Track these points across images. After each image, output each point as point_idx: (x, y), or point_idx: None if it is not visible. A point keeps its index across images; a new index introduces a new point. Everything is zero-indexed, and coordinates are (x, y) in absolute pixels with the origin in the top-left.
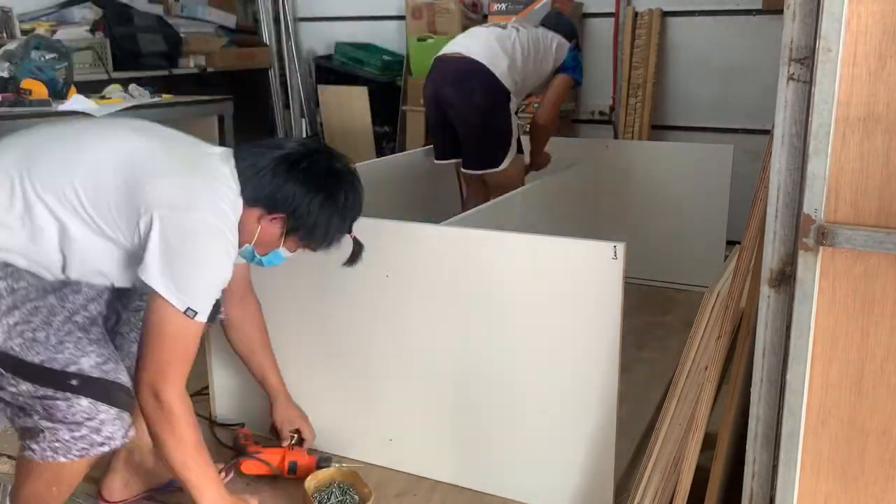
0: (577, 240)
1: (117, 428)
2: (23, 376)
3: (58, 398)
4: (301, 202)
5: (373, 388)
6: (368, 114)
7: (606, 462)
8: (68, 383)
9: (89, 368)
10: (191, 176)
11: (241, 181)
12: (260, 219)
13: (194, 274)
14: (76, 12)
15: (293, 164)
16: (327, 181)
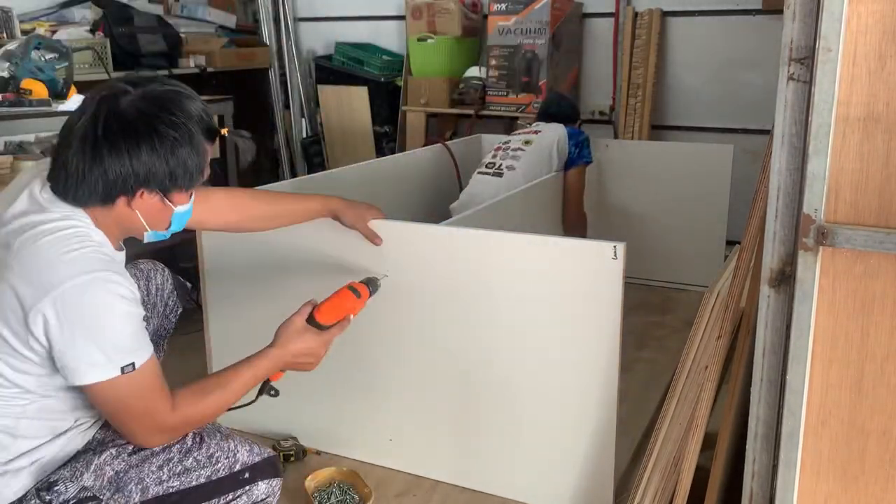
0: (577, 240)
1: (277, 498)
2: (194, 501)
3: (240, 496)
4: (138, 170)
5: (373, 388)
6: (368, 114)
7: (606, 462)
8: (241, 479)
9: (248, 456)
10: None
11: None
12: (128, 204)
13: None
14: (76, 12)
15: (94, 144)
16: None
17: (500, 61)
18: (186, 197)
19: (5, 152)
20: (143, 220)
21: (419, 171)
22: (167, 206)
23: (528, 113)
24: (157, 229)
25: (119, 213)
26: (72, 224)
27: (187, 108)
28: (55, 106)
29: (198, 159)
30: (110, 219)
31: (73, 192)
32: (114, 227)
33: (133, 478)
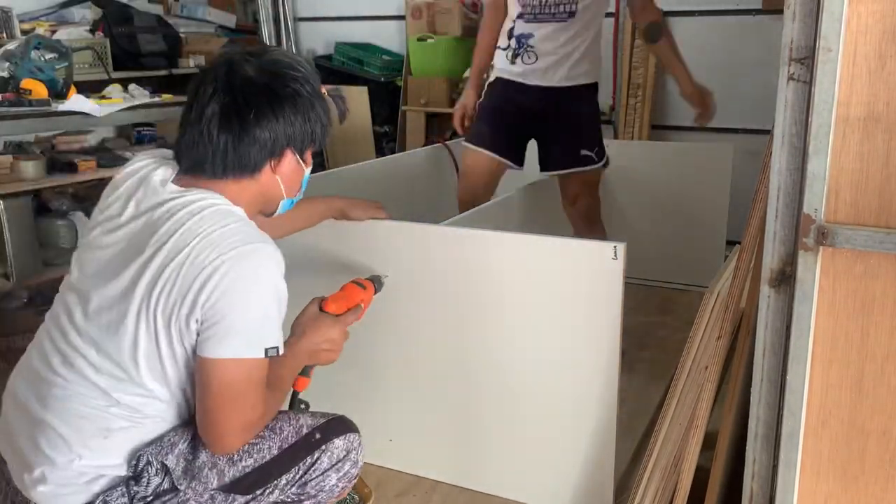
0: (577, 240)
1: (362, 455)
2: (275, 474)
3: (319, 457)
4: (285, 127)
5: (373, 388)
6: (368, 114)
7: (606, 462)
8: (314, 441)
9: (311, 420)
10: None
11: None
12: (274, 170)
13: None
14: (76, 12)
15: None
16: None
17: None
18: (310, 157)
19: (5, 152)
20: (282, 185)
21: (419, 171)
22: (301, 168)
23: None
24: (290, 195)
25: (263, 183)
26: (215, 202)
27: (305, 68)
28: (55, 106)
29: (326, 116)
30: (251, 193)
31: (223, 167)
32: (253, 202)
33: (206, 462)
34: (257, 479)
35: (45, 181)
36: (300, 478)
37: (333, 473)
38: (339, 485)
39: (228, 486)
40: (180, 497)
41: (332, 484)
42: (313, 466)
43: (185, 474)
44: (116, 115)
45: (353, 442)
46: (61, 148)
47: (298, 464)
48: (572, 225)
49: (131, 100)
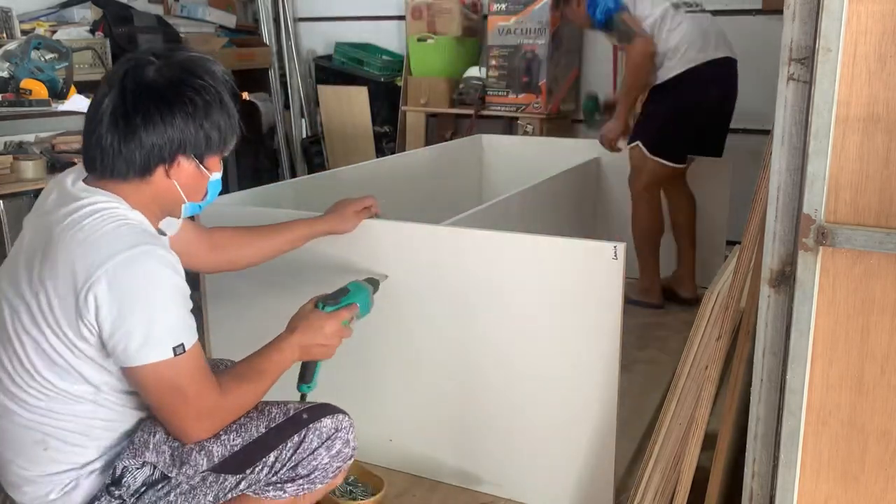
0: (577, 240)
1: (353, 435)
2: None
3: (307, 436)
4: (176, 133)
5: (373, 388)
6: (368, 114)
7: (606, 462)
8: (302, 419)
9: (299, 404)
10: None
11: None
12: (167, 174)
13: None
14: (76, 12)
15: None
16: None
17: (500, 61)
18: (219, 163)
19: (5, 152)
20: (181, 190)
21: (419, 171)
22: (203, 174)
23: (527, 113)
24: (194, 200)
25: (157, 187)
26: (110, 206)
27: (213, 71)
28: (55, 106)
29: (229, 121)
30: (148, 196)
31: (111, 168)
32: (152, 205)
33: (194, 446)
34: (246, 457)
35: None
36: (290, 457)
37: (324, 451)
38: (333, 464)
39: (218, 465)
40: (172, 483)
41: (324, 462)
42: (302, 444)
43: (174, 462)
44: None
45: (342, 421)
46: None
47: (286, 440)
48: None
49: None
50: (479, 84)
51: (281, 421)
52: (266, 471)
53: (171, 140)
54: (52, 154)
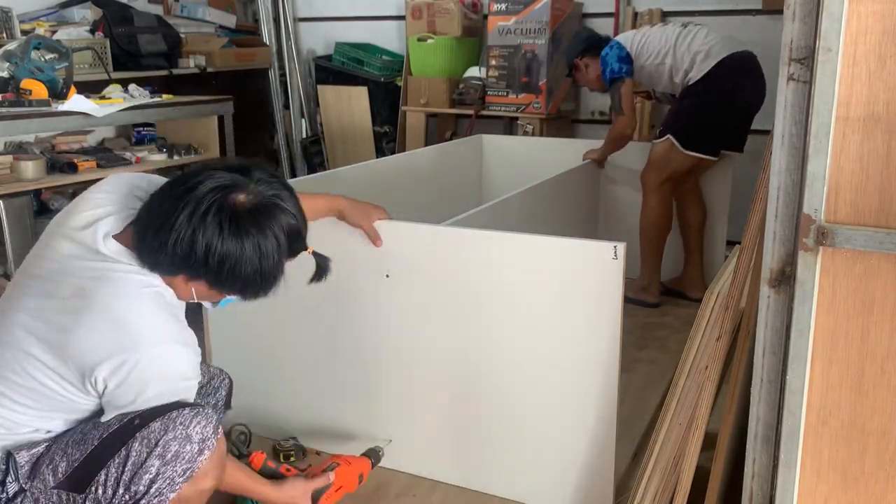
0: (577, 240)
1: (203, 424)
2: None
3: (133, 446)
4: (212, 263)
5: (373, 388)
6: (368, 114)
7: (606, 462)
8: (132, 427)
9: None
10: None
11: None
12: (186, 282)
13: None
14: (76, 12)
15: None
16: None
17: (500, 61)
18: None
19: (5, 152)
20: (194, 295)
21: (419, 171)
22: (218, 296)
23: (528, 113)
24: (204, 302)
25: (175, 283)
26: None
27: (282, 225)
28: (55, 106)
29: (268, 279)
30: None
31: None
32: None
33: (45, 459)
34: (83, 474)
35: (45, 181)
36: (120, 474)
37: (156, 461)
38: (176, 468)
39: (64, 482)
40: (30, 498)
41: (162, 472)
42: (129, 459)
43: (31, 472)
44: (116, 115)
45: (175, 419)
46: (61, 148)
47: (114, 456)
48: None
49: (131, 100)
50: (479, 84)
51: (114, 429)
52: (102, 490)
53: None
54: (52, 154)
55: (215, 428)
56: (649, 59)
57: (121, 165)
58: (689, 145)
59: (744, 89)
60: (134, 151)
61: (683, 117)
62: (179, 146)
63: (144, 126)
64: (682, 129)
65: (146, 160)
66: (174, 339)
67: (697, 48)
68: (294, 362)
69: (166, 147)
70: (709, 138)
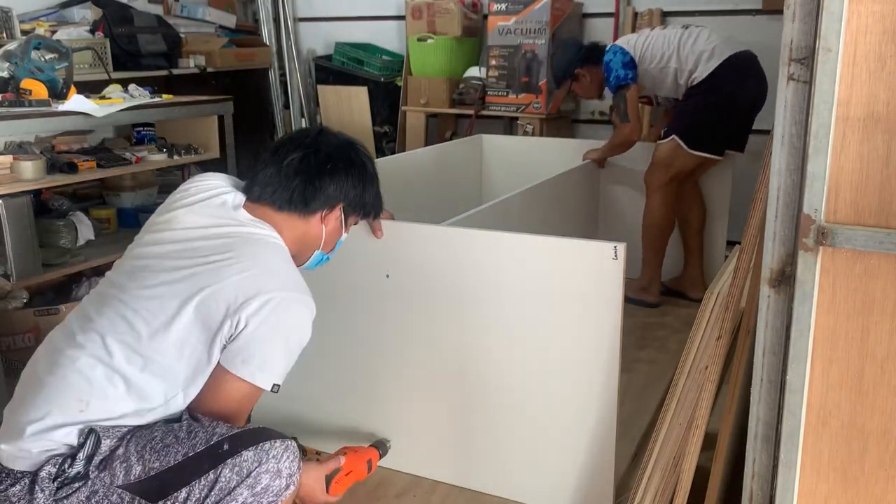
0: (577, 240)
1: (291, 459)
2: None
3: (223, 472)
4: (347, 187)
5: (373, 388)
6: (368, 114)
7: (606, 462)
8: (220, 452)
9: (227, 430)
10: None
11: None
12: (323, 219)
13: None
14: (76, 12)
15: (321, 160)
16: (348, 156)
17: (500, 61)
18: (350, 228)
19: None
20: (323, 238)
21: (419, 171)
22: (341, 230)
23: (528, 113)
24: (326, 250)
25: (308, 229)
26: (279, 243)
27: (370, 155)
28: (55, 106)
29: (378, 192)
30: (298, 233)
31: (288, 201)
32: (298, 243)
33: (121, 455)
34: (160, 485)
35: (45, 181)
36: (205, 496)
37: (246, 490)
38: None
39: (134, 484)
40: (89, 486)
41: (246, 502)
42: (217, 483)
43: (102, 461)
44: (116, 115)
45: (269, 451)
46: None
47: (200, 476)
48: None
49: (131, 100)
50: (479, 84)
51: (201, 450)
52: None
53: (343, 193)
54: (52, 154)
55: (300, 464)
56: (653, 62)
57: (121, 165)
58: (695, 145)
59: (746, 89)
60: (134, 151)
61: (688, 118)
62: (179, 146)
63: (144, 126)
64: (687, 130)
65: (146, 160)
66: (307, 291)
67: (701, 48)
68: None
69: (166, 147)
70: (714, 138)
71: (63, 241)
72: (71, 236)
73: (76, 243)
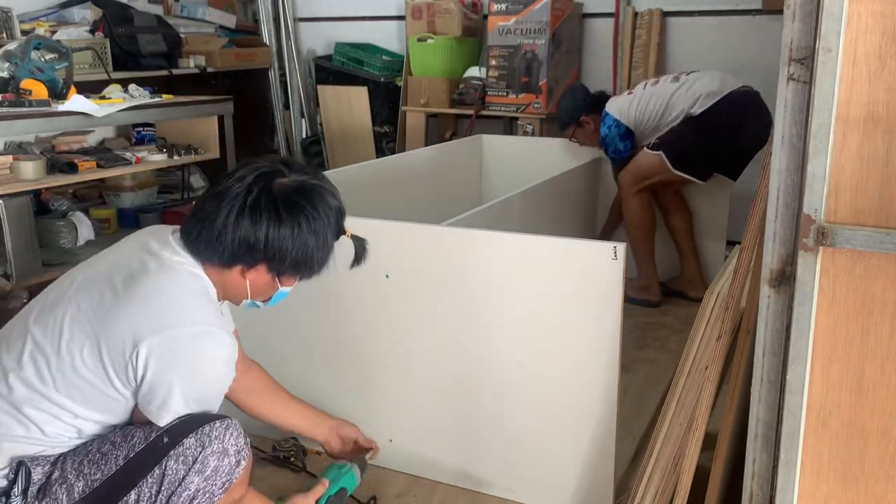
0: (577, 240)
1: (235, 436)
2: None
3: (168, 465)
4: (270, 246)
5: (373, 388)
6: (368, 114)
7: (606, 462)
8: (161, 445)
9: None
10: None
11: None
12: (243, 273)
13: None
14: (76, 12)
15: (241, 210)
16: (283, 209)
17: (500, 61)
18: (293, 282)
19: (5, 152)
20: (248, 290)
21: (419, 171)
22: (274, 285)
23: (528, 113)
24: (255, 300)
25: (230, 279)
26: (195, 273)
27: (329, 204)
28: (55, 106)
29: (323, 255)
30: (220, 280)
31: (205, 244)
32: (220, 287)
33: (59, 478)
34: (106, 495)
35: (45, 181)
36: (156, 493)
37: (195, 476)
38: (216, 482)
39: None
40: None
41: (201, 487)
42: (165, 478)
43: (39, 491)
44: (116, 115)
45: (209, 434)
46: (61, 148)
47: (146, 475)
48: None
49: (131, 100)
50: (479, 84)
51: (141, 448)
52: None
53: (266, 249)
54: (52, 154)
55: (245, 438)
56: (650, 122)
57: (121, 165)
58: (680, 166)
59: (748, 127)
60: (134, 151)
61: (679, 138)
62: (179, 146)
63: (144, 126)
64: (675, 150)
65: (146, 160)
66: (220, 326)
67: (699, 91)
68: (294, 362)
69: (166, 147)
70: (701, 163)
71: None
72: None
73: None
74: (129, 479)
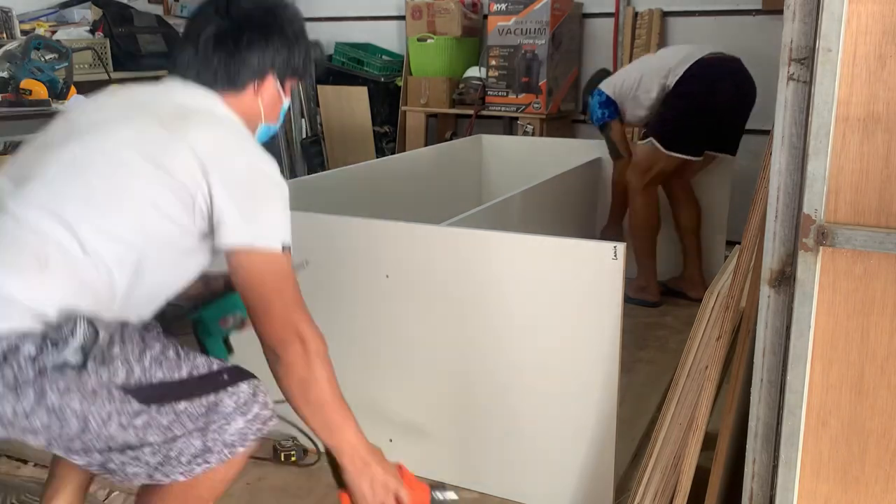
0: (577, 240)
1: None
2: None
3: (223, 398)
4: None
5: (372, 388)
6: (368, 114)
7: (606, 462)
8: (222, 380)
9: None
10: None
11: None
12: (256, 92)
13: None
14: (76, 12)
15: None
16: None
17: (500, 61)
18: (289, 92)
19: (5, 152)
20: (262, 110)
21: (419, 171)
22: (280, 97)
23: (528, 113)
24: (269, 121)
25: (244, 103)
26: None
27: (295, 11)
28: (55, 106)
29: (308, 52)
30: (234, 110)
31: (213, 81)
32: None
33: (118, 355)
34: (159, 394)
35: None
36: (200, 414)
37: (240, 417)
38: (252, 427)
39: (133, 387)
40: (82, 378)
41: (239, 427)
42: (217, 406)
43: (99, 356)
44: None
45: (258, 386)
46: None
47: (202, 397)
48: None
49: None
50: (479, 84)
51: (203, 372)
52: (169, 418)
53: (269, 60)
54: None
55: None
56: (631, 90)
57: None
58: (671, 146)
59: (722, 91)
60: None
61: (664, 120)
62: None
63: None
64: (663, 131)
65: None
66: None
67: (671, 58)
68: None
69: None
70: (689, 139)
71: None
72: None
73: None
74: (185, 391)
